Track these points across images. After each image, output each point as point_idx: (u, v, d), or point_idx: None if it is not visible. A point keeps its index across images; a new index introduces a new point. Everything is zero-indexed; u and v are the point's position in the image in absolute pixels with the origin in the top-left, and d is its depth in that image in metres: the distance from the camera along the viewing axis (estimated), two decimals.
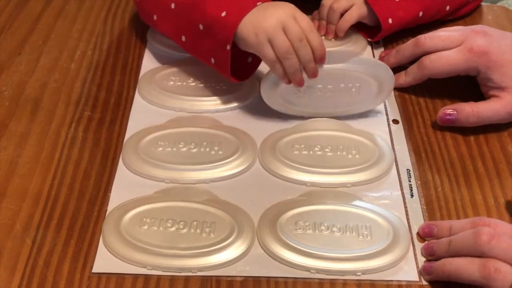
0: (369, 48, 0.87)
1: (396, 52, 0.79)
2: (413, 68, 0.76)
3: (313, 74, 0.69)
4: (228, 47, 0.69)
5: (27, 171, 0.67)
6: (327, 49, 0.69)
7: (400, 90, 0.79)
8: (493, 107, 0.71)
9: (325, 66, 0.70)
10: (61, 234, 0.60)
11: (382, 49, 0.86)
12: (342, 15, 0.85)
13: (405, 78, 0.78)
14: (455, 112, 0.72)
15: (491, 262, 0.52)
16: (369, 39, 0.87)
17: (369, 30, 0.87)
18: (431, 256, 0.58)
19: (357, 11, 0.84)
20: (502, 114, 0.71)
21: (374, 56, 0.85)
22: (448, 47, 0.73)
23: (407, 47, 0.77)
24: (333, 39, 0.86)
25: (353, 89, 0.73)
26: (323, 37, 0.86)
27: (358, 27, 0.87)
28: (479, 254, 0.53)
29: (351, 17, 0.84)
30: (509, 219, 0.62)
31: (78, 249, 0.59)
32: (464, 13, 0.92)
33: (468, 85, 0.77)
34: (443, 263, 0.55)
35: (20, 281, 0.56)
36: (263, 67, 0.73)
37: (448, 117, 0.72)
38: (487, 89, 0.72)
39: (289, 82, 0.70)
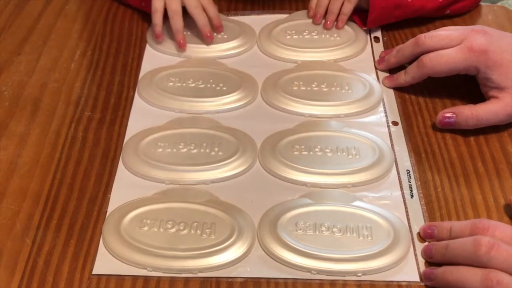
0: (369, 47, 0.87)
1: (397, 52, 0.79)
2: (412, 67, 0.76)
3: (209, 37, 0.84)
4: None
5: (27, 171, 0.67)
6: None
7: (399, 90, 0.79)
8: (492, 109, 0.71)
9: None
10: (61, 234, 0.60)
11: (382, 49, 0.86)
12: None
13: (405, 77, 0.78)
14: (454, 116, 0.72)
15: (493, 273, 0.52)
16: (364, 28, 0.88)
17: (364, 19, 0.88)
18: (430, 259, 0.58)
19: None
20: (501, 116, 0.71)
21: (374, 57, 0.85)
22: (448, 46, 0.73)
23: (407, 46, 0.77)
24: (332, 38, 0.87)
25: None
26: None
27: (352, 15, 0.88)
28: (478, 264, 0.53)
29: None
30: (509, 221, 0.63)
31: (78, 249, 0.59)
32: (459, 8, 0.91)
33: (468, 85, 0.77)
34: (444, 271, 0.55)
35: (20, 281, 0.56)
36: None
37: (447, 120, 0.72)
38: (487, 89, 0.72)
39: (159, 36, 0.84)
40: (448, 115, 0.72)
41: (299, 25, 0.89)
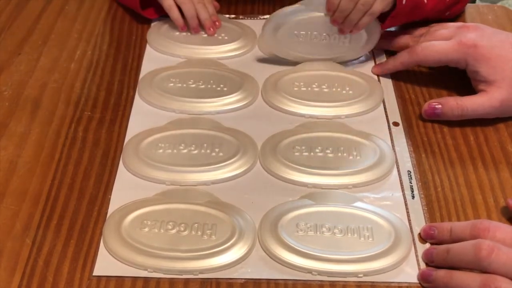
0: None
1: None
2: (403, 54, 0.78)
3: (211, 31, 0.87)
4: None
5: (27, 171, 0.67)
6: None
7: (400, 90, 0.79)
8: (478, 101, 0.72)
9: (317, 14, 0.79)
10: (61, 234, 0.60)
11: (383, 55, 0.86)
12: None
13: (394, 62, 0.79)
14: (440, 106, 0.73)
15: (492, 279, 0.52)
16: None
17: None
18: (431, 262, 0.58)
19: (381, 3, 0.77)
20: (487, 108, 0.71)
21: (374, 58, 0.85)
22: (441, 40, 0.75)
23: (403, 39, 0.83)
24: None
25: (346, 38, 0.80)
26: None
27: None
28: (479, 268, 0.53)
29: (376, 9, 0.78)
30: (509, 221, 0.63)
31: (78, 249, 0.59)
32: (457, 10, 0.90)
33: (469, 86, 0.77)
34: (444, 275, 0.55)
35: (20, 281, 0.56)
36: None
37: (433, 110, 0.73)
38: (477, 83, 0.73)
39: (184, 27, 0.87)
40: (434, 105, 0.73)
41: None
